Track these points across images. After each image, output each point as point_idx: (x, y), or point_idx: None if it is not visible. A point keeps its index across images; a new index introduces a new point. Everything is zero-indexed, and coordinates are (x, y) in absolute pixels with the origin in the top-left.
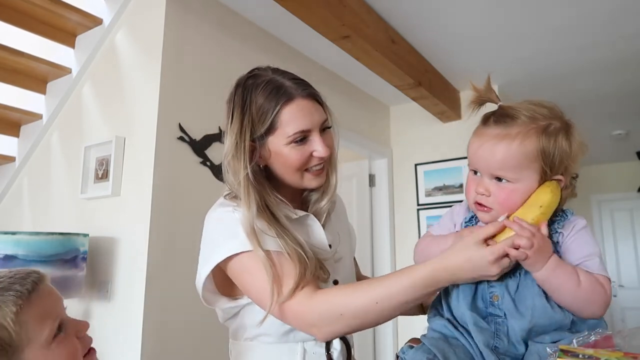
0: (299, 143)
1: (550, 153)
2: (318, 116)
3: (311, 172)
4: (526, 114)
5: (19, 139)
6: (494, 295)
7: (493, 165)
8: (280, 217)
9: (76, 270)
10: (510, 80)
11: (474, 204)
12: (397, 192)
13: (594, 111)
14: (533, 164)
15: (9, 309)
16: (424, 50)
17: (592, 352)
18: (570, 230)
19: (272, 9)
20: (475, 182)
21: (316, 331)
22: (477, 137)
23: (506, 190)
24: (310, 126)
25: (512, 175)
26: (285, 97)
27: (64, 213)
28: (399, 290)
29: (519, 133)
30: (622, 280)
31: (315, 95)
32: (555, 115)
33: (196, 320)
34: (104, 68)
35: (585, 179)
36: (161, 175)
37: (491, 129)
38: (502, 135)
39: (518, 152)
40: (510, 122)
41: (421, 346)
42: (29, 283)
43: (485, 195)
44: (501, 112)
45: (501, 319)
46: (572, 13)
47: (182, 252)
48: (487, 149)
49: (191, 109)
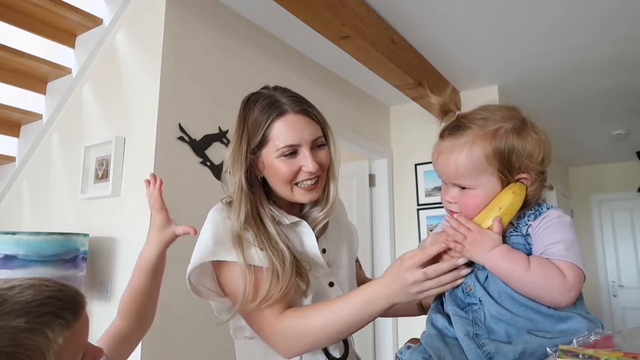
0: (288, 157)
1: (502, 155)
2: (309, 132)
3: (301, 186)
4: (477, 123)
5: (19, 139)
6: (467, 286)
7: (450, 176)
8: (269, 227)
9: (76, 270)
10: (510, 80)
11: (448, 211)
12: (397, 192)
13: (594, 111)
14: (487, 168)
15: (55, 339)
16: (424, 50)
17: (592, 352)
18: (540, 221)
19: (272, 9)
20: (445, 190)
21: (280, 349)
22: (435, 150)
23: (468, 196)
24: (299, 141)
25: (469, 182)
26: (277, 111)
27: (64, 213)
28: (348, 313)
29: (467, 142)
30: (622, 280)
31: (308, 112)
32: (510, 116)
33: (196, 320)
34: (104, 68)
35: (585, 179)
36: (161, 175)
37: (445, 142)
38: (452, 147)
39: (467, 161)
40: (460, 133)
41: (417, 346)
42: (77, 311)
43: (453, 202)
44: (454, 124)
45: (477, 306)
46: (572, 12)
47: (182, 252)
48: (441, 162)
49: (191, 109)
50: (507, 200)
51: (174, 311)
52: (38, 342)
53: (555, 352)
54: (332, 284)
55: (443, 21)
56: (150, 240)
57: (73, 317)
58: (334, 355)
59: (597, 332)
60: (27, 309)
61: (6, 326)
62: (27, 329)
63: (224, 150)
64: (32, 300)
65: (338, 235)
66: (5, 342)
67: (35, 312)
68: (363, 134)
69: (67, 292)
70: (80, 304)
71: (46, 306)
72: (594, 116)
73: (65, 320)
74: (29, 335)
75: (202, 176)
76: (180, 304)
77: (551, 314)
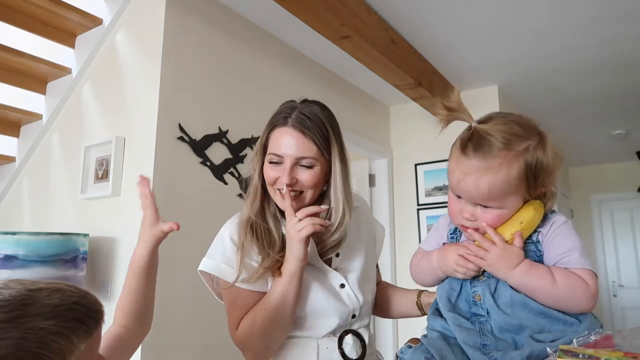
0: (274, 164)
1: (532, 174)
2: (296, 149)
3: (282, 193)
4: (502, 140)
5: (19, 139)
6: (476, 295)
7: (478, 198)
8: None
9: (76, 271)
10: (510, 80)
11: (461, 226)
12: (397, 192)
13: (594, 111)
14: (518, 189)
15: (78, 345)
16: (424, 50)
17: (592, 352)
18: (549, 227)
19: (272, 9)
20: (459, 205)
21: (247, 354)
22: (457, 166)
23: (492, 214)
24: (283, 153)
25: (497, 204)
26: (281, 122)
27: (64, 213)
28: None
29: (502, 164)
30: (622, 280)
31: (304, 132)
32: (530, 132)
33: (196, 320)
34: (104, 68)
35: (585, 179)
36: (161, 175)
37: (472, 160)
38: (485, 168)
39: (502, 184)
40: (489, 151)
41: (419, 346)
42: (98, 320)
43: (472, 220)
44: (478, 140)
45: (484, 318)
46: (572, 12)
47: (182, 252)
48: (470, 183)
49: (191, 109)
50: (529, 216)
51: (174, 311)
52: (63, 347)
53: (555, 352)
54: (343, 285)
55: (443, 21)
56: (141, 238)
57: (95, 325)
58: (350, 357)
59: (597, 332)
60: (55, 313)
61: (35, 327)
62: (55, 332)
63: (224, 150)
64: (60, 305)
65: (356, 241)
66: (33, 343)
67: (63, 317)
68: (363, 134)
69: (90, 300)
70: (101, 313)
71: (73, 312)
72: (594, 116)
73: (88, 327)
74: (56, 339)
75: (202, 176)
76: (181, 304)
77: (560, 317)
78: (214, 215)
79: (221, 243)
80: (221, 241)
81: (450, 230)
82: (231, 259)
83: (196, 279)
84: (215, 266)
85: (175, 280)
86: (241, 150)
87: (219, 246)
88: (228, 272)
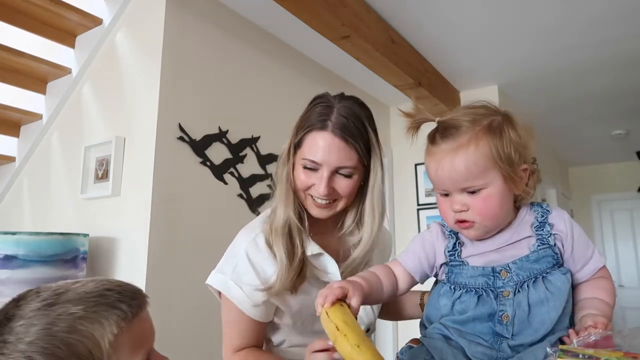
0: (309, 170)
1: (504, 147)
2: (336, 158)
3: (314, 200)
4: (467, 119)
5: (19, 139)
6: (503, 314)
7: (459, 180)
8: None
9: (76, 271)
10: (510, 80)
11: (455, 224)
12: (397, 192)
13: (594, 111)
14: (494, 163)
15: (111, 329)
16: (424, 50)
17: (592, 352)
18: (566, 228)
19: (272, 9)
20: (448, 202)
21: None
22: (430, 157)
23: (481, 198)
24: (321, 161)
25: (480, 182)
26: (320, 124)
27: (64, 213)
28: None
29: (470, 139)
30: (622, 280)
31: (347, 140)
32: (493, 110)
33: (197, 320)
34: (104, 68)
35: (585, 179)
36: (161, 175)
37: (442, 145)
38: (455, 148)
39: (477, 157)
40: (456, 132)
41: (420, 347)
42: (135, 305)
43: (464, 210)
44: (444, 126)
45: (506, 340)
46: (571, 12)
47: (182, 252)
48: (447, 167)
49: (191, 109)
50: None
51: (174, 311)
52: (93, 330)
53: (555, 352)
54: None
55: (443, 21)
56: None
57: (130, 310)
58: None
59: (597, 332)
60: (85, 299)
61: (65, 312)
62: (83, 316)
63: (224, 150)
64: (91, 292)
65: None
66: (63, 328)
67: (93, 302)
68: None
69: (127, 288)
70: (140, 299)
71: (104, 297)
72: (594, 116)
73: (122, 311)
74: (84, 323)
75: (202, 176)
76: (181, 304)
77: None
78: (214, 215)
79: (233, 258)
80: (233, 256)
81: (449, 248)
82: (241, 278)
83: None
84: (223, 282)
85: (174, 281)
86: (241, 150)
87: (230, 261)
88: (234, 291)
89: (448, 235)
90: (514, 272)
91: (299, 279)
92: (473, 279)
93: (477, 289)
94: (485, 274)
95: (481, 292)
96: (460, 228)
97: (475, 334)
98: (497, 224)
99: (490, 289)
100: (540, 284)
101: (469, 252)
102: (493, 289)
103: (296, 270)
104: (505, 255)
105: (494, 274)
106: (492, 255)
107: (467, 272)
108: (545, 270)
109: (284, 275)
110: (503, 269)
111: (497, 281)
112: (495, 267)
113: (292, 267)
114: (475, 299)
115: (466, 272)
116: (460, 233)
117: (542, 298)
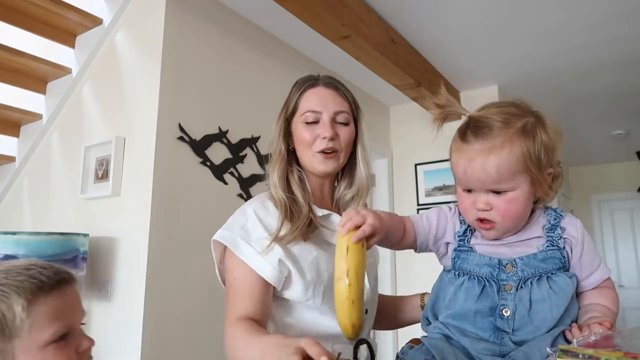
0: (310, 124)
1: (536, 150)
2: (332, 103)
3: (319, 155)
4: (500, 119)
5: (19, 139)
6: (504, 309)
7: (487, 181)
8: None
9: (76, 271)
10: (510, 80)
11: (476, 221)
12: (397, 192)
13: (594, 111)
14: (526, 167)
15: (26, 295)
16: (424, 50)
17: (592, 352)
18: (577, 234)
19: (272, 9)
20: (471, 199)
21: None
22: (460, 154)
23: (506, 199)
24: (321, 109)
25: (508, 185)
26: (310, 83)
27: (64, 213)
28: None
29: (504, 142)
30: (622, 280)
31: (337, 88)
32: (526, 111)
33: (197, 319)
34: (104, 68)
35: (585, 179)
36: (161, 175)
37: (474, 145)
38: (488, 149)
39: (509, 161)
40: (489, 132)
41: (421, 346)
42: (54, 279)
43: (487, 209)
44: (476, 124)
45: (507, 335)
46: (571, 13)
47: (182, 252)
48: (477, 167)
49: (191, 109)
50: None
51: (174, 311)
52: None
53: (555, 352)
54: None
55: (443, 21)
56: None
57: (50, 281)
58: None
59: (597, 332)
60: (11, 270)
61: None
62: (4, 283)
63: (224, 150)
64: (19, 265)
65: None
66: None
67: (15, 272)
68: None
69: (52, 266)
70: (62, 275)
71: (27, 270)
72: (594, 116)
73: (40, 281)
74: (3, 288)
75: (202, 176)
76: (181, 304)
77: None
78: (214, 215)
79: (242, 216)
80: (242, 214)
81: (459, 233)
82: (249, 235)
83: (196, 279)
84: (231, 238)
85: (174, 281)
86: (241, 150)
87: (238, 219)
88: (243, 246)
89: (462, 220)
90: (519, 268)
91: (309, 228)
92: (478, 267)
93: (480, 278)
94: (491, 265)
95: (484, 283)
96: (479, 227)
97: (476, 329)
98: (517, 226)
99: (494, 280)
100: (544, 283)
101: (479, 240)
102: (496, 280)
103: (304, 220)
104: (514, 250)
105: (500, 266)
106: (500, 249)
107: (473, 259)
108: (551, 271)
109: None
110: (509, 263)
111: (502, 274)
112: (502, 260)
113: (300, 218)
114: (479, 290)
115: (472, 259)
116: (478, 231)
117: (544, 296)
